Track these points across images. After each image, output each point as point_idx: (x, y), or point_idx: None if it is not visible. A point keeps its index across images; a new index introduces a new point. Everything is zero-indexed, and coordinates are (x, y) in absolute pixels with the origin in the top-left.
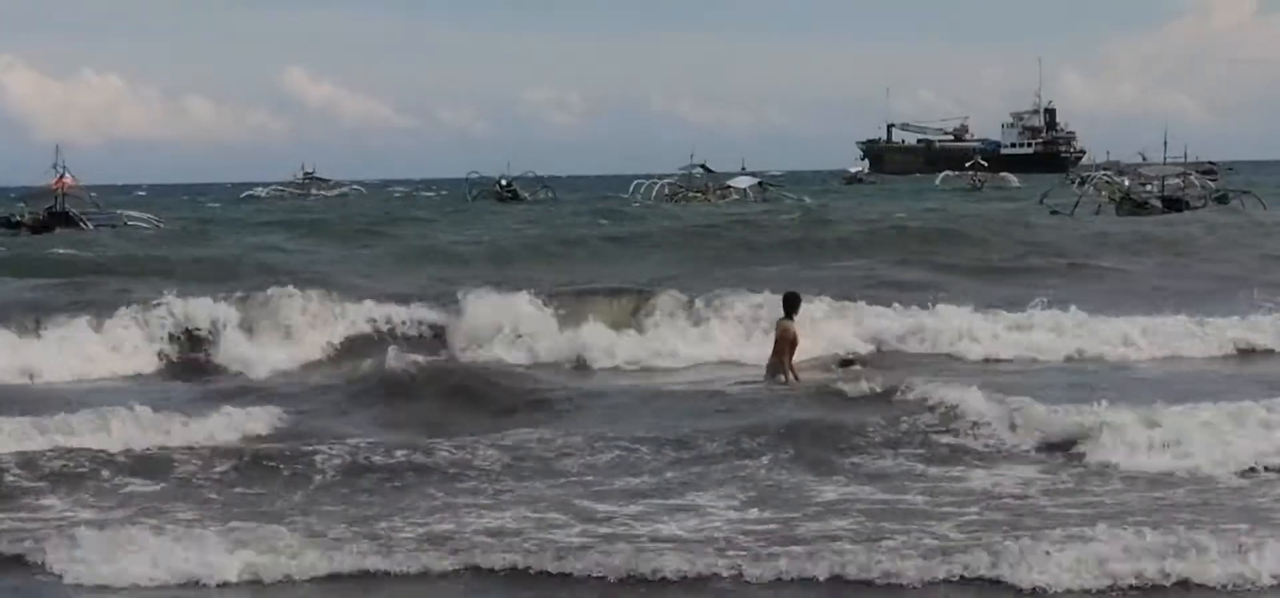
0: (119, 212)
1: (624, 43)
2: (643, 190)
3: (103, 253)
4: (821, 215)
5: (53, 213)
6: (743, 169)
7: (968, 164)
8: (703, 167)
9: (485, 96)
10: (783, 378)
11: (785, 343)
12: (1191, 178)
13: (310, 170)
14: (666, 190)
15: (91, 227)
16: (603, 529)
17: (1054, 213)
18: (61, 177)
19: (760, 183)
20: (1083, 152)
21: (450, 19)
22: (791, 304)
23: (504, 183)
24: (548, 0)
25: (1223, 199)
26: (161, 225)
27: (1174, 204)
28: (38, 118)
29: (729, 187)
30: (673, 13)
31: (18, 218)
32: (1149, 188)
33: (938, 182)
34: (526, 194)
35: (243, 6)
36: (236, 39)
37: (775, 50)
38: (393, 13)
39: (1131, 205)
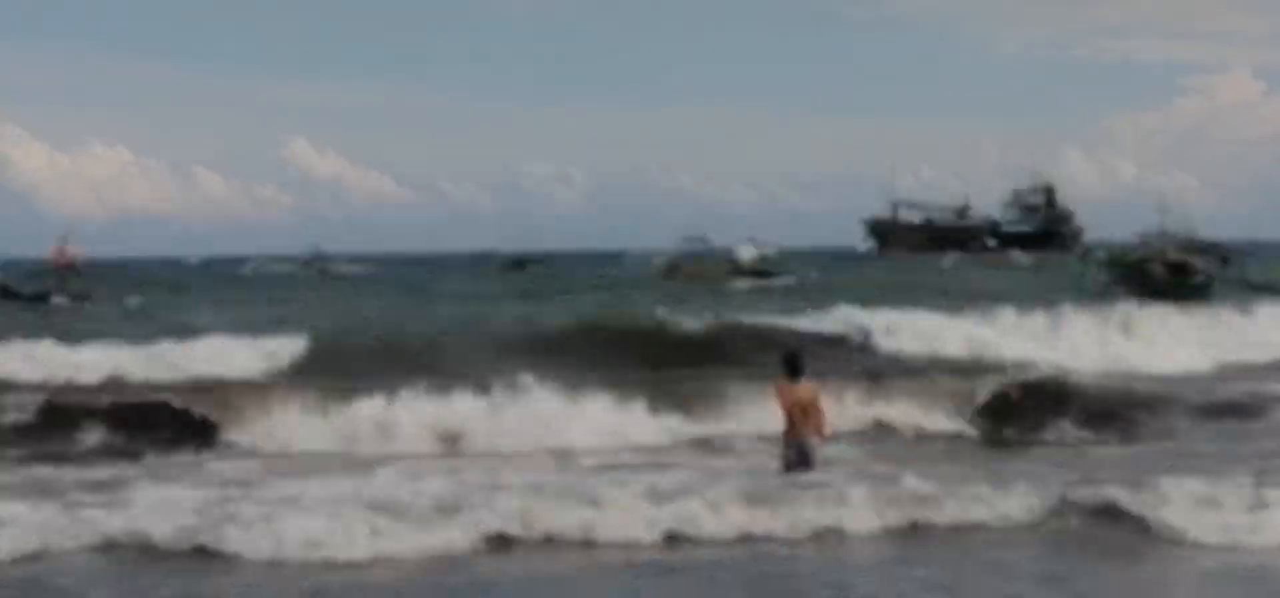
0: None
1: (627, 118)
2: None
3: None
4: None
5: (50, 285)
6: (750, 239)
7: (990, 242)
8: (702, 239)
9: (487, 170)
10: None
11: (798, 407)
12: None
13: (321, 251)
14: (663, 265)
15: (88, 301)
16: None
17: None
18: (62, 248)
19: (760, 254)
20: (1081, 229)
21: (451, 92)
22: (797, 366)
23: None
24: (550, 73)
25: (1225, 261)
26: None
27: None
28: (45, 190)
29: (735, 260)
30: (676, 88)
31: (15, 288)
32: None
33: (946, 264)
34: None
35: (249, 79)
36: (243, 112)
37: (777, 126)
38: (394, 85)
39: (1138, 279)
